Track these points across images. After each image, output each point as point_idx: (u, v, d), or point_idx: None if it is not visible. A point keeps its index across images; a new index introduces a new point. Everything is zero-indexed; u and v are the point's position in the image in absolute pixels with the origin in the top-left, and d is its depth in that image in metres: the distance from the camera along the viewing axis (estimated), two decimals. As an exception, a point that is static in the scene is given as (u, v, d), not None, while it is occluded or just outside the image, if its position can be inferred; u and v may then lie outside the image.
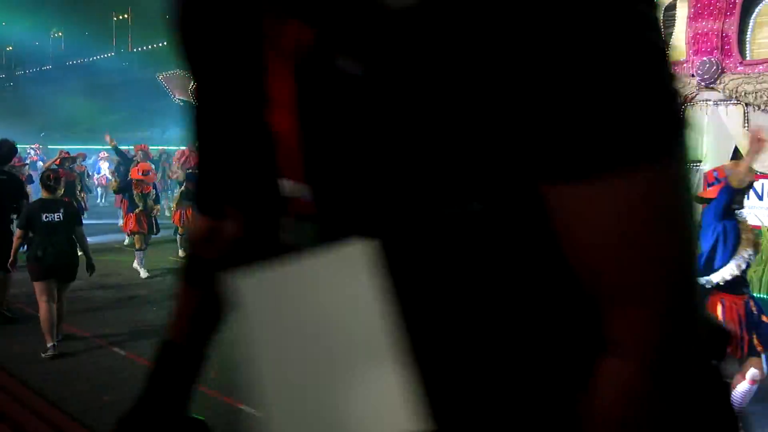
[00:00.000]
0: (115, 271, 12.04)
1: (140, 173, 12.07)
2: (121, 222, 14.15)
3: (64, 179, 9.05)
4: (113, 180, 14.91)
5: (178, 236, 13.03)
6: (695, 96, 9.59)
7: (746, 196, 6.29)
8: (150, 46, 72.92)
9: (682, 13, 10.08)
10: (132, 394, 4.21)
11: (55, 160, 13.34)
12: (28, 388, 6.05)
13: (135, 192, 11.67)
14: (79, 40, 78.82)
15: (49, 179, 7.69)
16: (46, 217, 7.53)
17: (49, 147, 33.40)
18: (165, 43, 68.38)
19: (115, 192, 13.84)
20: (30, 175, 16.48)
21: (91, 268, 7.97)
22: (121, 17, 77.44)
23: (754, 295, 8.17)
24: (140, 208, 11.73)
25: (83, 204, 13.65)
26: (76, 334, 8.05)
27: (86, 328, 8.30)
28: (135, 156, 15.36)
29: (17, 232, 7.79)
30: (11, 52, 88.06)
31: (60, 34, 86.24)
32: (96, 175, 27.36)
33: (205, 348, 1.29)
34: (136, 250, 11.96)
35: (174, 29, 1.10)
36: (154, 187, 12.53)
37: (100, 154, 27.61)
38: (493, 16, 0.70)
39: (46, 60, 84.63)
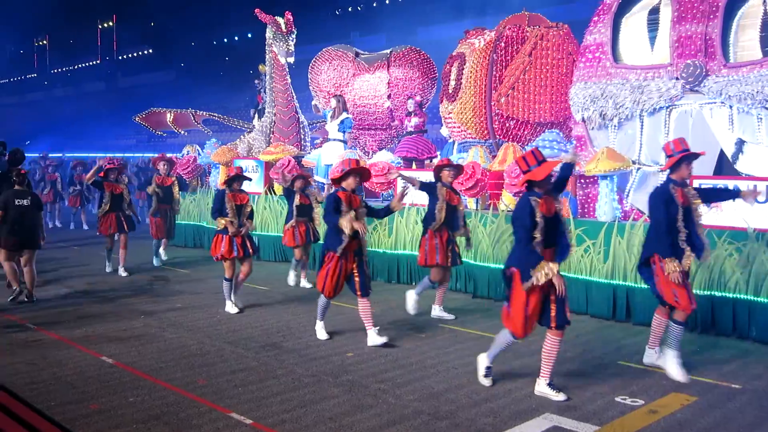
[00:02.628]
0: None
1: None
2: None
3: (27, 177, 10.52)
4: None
5: (294, 261, 11.85)
6: (680, 98, 9.64)
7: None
8: (135, 54, 72.78)
9: (666, 16, 10.14)
10: (119, 402, 4.20)
11: (99, 172, 12.37)
12: (15, 398, 6.01)
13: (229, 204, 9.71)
14: (64, 47, 78.70)
15: (17, 176, 10.29)
16: (18, 202, 10.13)
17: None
18: (149, 51, 67.84)
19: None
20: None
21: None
22: (105, 25, 77.24)
23: (741, 296, 8.22)
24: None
25: (136, 218, 12.80)
26: (62, 342, 7.99)
27: (72, 336, 8.24)
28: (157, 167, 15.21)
29: None
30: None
31: (44, 42, 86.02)
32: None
33: None
34: (297, 261, 11.65)
35: None
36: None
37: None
38: None
39: (29, 68, 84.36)
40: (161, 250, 14.12)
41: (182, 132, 19.82)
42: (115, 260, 12.85)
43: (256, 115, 17.47)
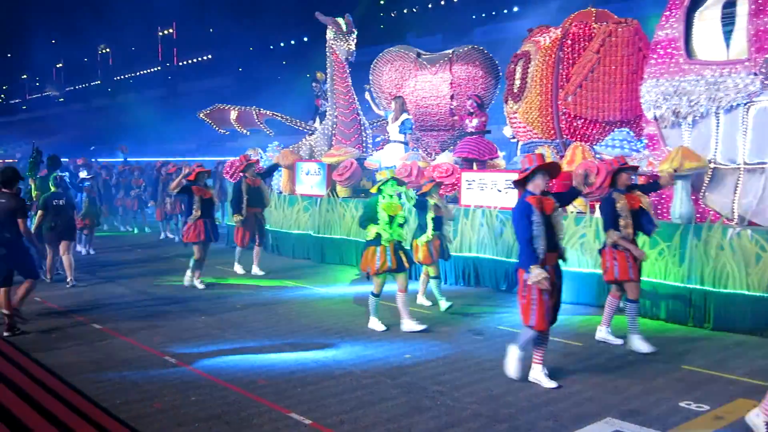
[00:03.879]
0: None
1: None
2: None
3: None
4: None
5: (433, 280, 10.06)
6: (759, 95, 9.32)
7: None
8: (194, 59, 74.07)
9: (742, 9, 9.73)
10: (182, 401, 4.28)
11: (189, 175, 12.32)
12: (82, 396, 6.16)
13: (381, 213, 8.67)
14: (126, 55, 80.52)
15: (54, 179, 11.71)
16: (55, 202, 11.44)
17: (98, 160, 33.71)
18: (208, 56, 68.93)
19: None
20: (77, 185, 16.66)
21: None
22: (166, 32, 78.79)
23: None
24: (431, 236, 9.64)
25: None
26: (127, 342, 8.17)
27: (136, 336, 8.43)
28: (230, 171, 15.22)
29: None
30: (60, 69, 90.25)
31: (108, 49, 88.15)
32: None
33: None
34: (432, 278, 9.99)
35: None
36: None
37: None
38: None
39: (94, 75, 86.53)
40: (255, 266, 13.04)
41: (245, 131, 19.51)
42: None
43: (318, 118, 17.36)
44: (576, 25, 12.27)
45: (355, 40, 15.41)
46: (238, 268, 13.01)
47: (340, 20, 15.38)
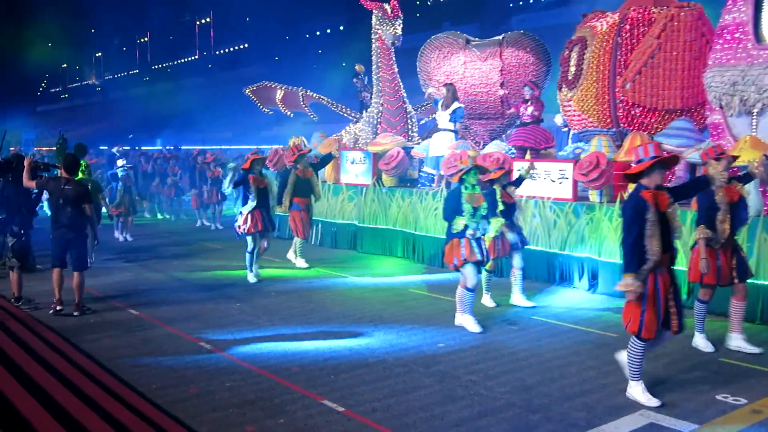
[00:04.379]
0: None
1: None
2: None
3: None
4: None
5: (485, 273, 9.36)
6: None
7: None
8: (231, 48, 74.52)
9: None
10: (217, 386, 4.34)
11: (245, 164, 11.58)
12: (119, 381, 6.27)
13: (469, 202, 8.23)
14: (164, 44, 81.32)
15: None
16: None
17: (141, 147, 33.87)
18: (246, 45, 69.31)
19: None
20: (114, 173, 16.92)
21: None
22: (203, 21, 79.36)
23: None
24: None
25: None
26: (162, 328, 8.28)
27: (172, 322, 8.54)
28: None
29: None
30: (99, 58, 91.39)
31: (146, 39, 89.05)
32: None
33: None
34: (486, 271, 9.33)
35: None
36: None
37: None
38: None
39: (132, 64, 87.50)
40: (294, 253, 12.67)
41: (288, 113, 18.94)
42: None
43: (364, 111, 17.05)
44: (635, 9, 11.82)
45: (402, 25, 15.16)
46: (299, 262, 12.54)
47: (386, 5, 15.15)
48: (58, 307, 8.88)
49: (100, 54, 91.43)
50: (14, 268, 9.35)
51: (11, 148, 27.99)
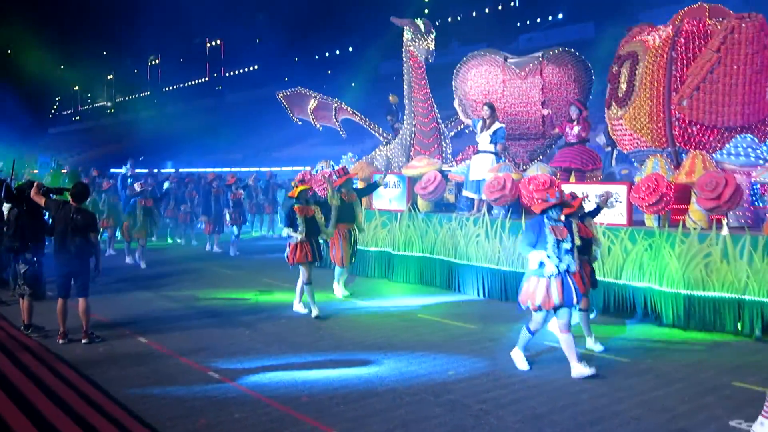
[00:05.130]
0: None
1: None
2: None
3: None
4: None
5: (580, 313, 8.47)
6: None
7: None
8: (241, 70, 75.09)
9: None
10: (226, 417, 4.29)
11: (291, 192, 11.04)
12: (128, 413, 6.24)
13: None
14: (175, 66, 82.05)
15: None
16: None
17: (156, 169, 33.72)
18: (256, 67, 69.72)
19: None
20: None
21: None
22: (214, 43, 79.99)
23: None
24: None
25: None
26: (171, 357, 8.26)
27: (181, 351, 8.51)
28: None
29: None
30: (111, 80, 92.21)
31: (157, 61, 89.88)
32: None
33: None
34: (580, 310, 8.40)
35: None
36: None
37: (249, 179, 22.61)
38: None
39: (144, 86, 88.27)
40: (339, 284, 12.13)
41: (318, 125, 17.98)
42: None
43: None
44: (689, 22, 11.24)
45: (434, 41, 14.68)
46: (337, 291, 12.04)
47: (418, 21, 14.71)
48: (60, 341, 8.84)
49: (111, 76, 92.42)
50: (25, 296, 9.36)
51: (32, 171, 28.09)
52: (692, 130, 11.12)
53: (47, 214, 9.62)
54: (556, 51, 14.81)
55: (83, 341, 8.82)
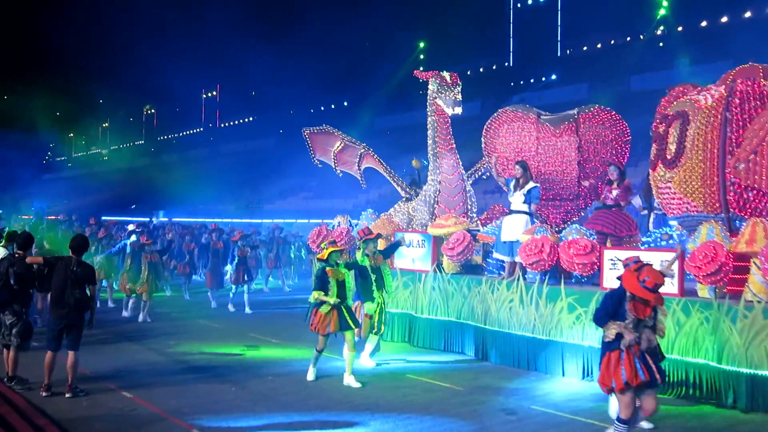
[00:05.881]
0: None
1: None
2: None
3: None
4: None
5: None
6: None
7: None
8: (237, 121, 75.69)
9: None
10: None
11: (320, 255, 10.44)
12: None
13: None
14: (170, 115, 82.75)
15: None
16: None
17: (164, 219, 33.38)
18: (250, 118, 70.23)
19: None
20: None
21: None
22: (210, 94, 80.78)
23: None
24: None
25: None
26: (155, 414, 8.17)
27: (166, 408, 8.42)
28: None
29: None
30: (106, 128, 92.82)
31: (152, 110, 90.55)
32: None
33: None
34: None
35: None
36: None
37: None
38: None
39: (138, 135, 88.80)
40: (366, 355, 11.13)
41: (338, 170, 16.78)
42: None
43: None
44: (742, 82, 10.69)
45: (460, 93, 14.11)
46: (365, 360, 11.07)
47: (443, 73, 14.18)
48: (44, 394, 8.74)
49: (107, 124, 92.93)
50: (11, 347, 9.26)
51: (21, 216, 28.05)
52: (748, 196, 10.42)
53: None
54: (593, 108, 14.13)
55: (67, 395, 8.72)
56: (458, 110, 13.93)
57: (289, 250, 24.34)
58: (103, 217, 32.74)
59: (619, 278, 6.95)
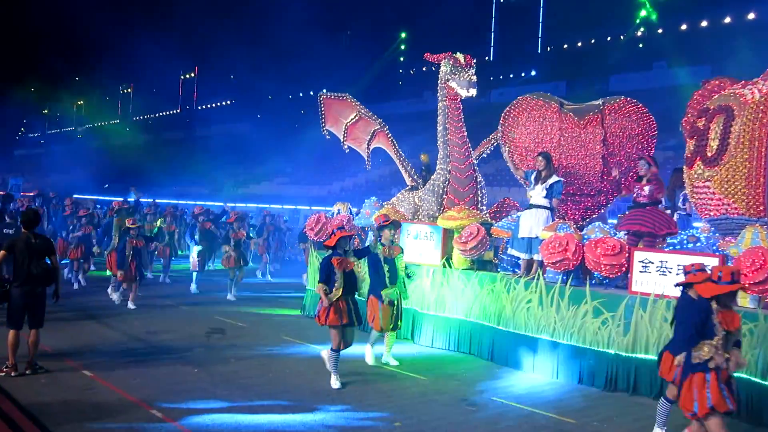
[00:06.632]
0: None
1: None
2: None
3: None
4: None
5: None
6: None
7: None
8: (213, 104, 75.16)
9: None
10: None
11: (328, 241, 9.39)
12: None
13: None
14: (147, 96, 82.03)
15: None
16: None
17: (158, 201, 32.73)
18: (228, 102, 69.82)
19: None
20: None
21: None
22: (188, 75, 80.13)
23: None
24: None
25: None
26: (115, 392, 8.10)
27: (126, 387, 8.35)
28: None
29: None
30: (81, 106, 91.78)
31: (129, 89, 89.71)
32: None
33: None
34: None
35: None
36: None
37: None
38: None
39: (114, 114, 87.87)
40: (371, 347, 10.47)
41: (345, 146, 15.88)
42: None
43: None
44: None
45: (475, 75, 13.20)
46: (369, 356, 10.44)
47: (457, 54, 13.32)
48: (12, 373, 8.59)
49: (82, 102, 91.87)
50: None
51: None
52: (796, 198, 9.63)
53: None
54: (618, 100, 13.29)
55: (27, 372, 8.62)
56: (473, 92, 13.10)
57: (282, 236, 24.21)
58: (75, 195, 32.44)
59: (684, 289, 6.67)
